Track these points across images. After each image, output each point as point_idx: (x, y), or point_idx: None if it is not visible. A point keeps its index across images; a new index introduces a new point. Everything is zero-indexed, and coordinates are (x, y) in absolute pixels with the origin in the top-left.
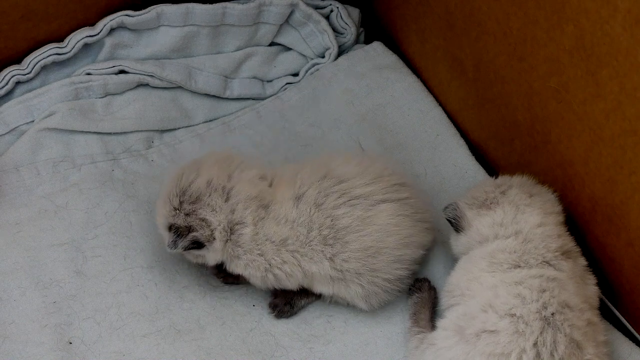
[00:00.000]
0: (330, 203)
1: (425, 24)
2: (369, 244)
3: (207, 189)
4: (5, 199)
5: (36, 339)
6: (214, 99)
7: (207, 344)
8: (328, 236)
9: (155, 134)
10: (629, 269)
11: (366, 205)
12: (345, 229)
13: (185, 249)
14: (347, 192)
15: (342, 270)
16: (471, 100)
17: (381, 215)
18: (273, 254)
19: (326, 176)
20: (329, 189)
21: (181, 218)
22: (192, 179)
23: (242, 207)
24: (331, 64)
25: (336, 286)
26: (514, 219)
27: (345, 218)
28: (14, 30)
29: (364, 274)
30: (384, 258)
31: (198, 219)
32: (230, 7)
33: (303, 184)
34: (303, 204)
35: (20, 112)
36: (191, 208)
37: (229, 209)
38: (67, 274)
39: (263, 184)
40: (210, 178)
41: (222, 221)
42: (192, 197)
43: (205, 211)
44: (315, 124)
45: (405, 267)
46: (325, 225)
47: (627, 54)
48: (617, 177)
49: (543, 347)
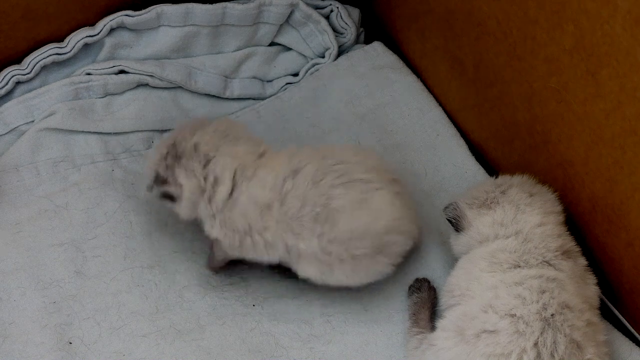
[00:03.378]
0: (328, 181)
1: (425, 24)
2: (357, 226)
3: (191, 152)
4: (5, 199)
5: (36, 339)
6: (214, 99)
7: (207, 344)
8: (320, 214)
9: (155, 134)
10: (629, 269)
11: (363, 188)
12: (337, 210)
13: (158, 197)
14: (347, 173)
15: (326, 252)
16: (471, 100)
17: (376, 199)
18: (255, 217)
19: (326, 157)
20: (329, 167)
21: (162, 168)
22: (185, 136)
23: (220, 169)
24: (331, 64)
25: (321, 268)
26: (514, 218)
27: (340, 199)
28: (14, 30)
29: (346, 259)
30: (369, 243)
31: (173, 176)
32: (230, 7)
33: (302, 160)
34: (300, 177)
35: (20, 112)
36: (172, 163)
37: (204, 174)
38: (67, 274)
39: (248, 157)
40: (198, 142)
41: (193, 184)
42: (177, 154)
43: (180, 171)
44: (315, 124)
45: (386, 256)
46: (319, 203)
47: (627, 54)
48: (617, 177)
49: (543, 348)
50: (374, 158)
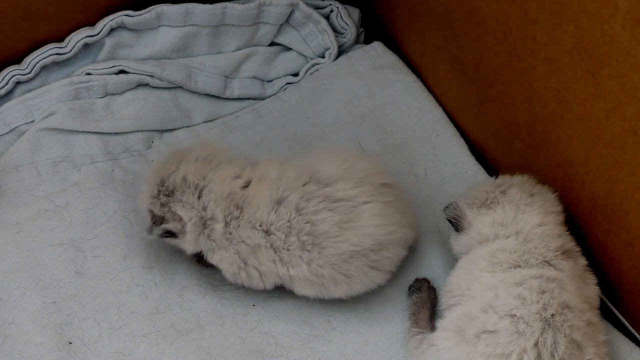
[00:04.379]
0: (311, 208)
1: (425, 24)
2: (345, 249)
3: (182, 185)
4: (5, 199)
5: (36, 339)
6: (214, 99)
7: (207, 344)
8: (307, 242)
9: (155, 134)
10: (629, 269)
11: (348, 207)
12: (323, 234)
13: (159, 236)
14: (330, 195)
15: (318, 275)
16: (471, 100)
17: (362, 216)
18: (249, 254)
19: (311, 180)
20: (312, 193)
21: (157, 207)
22: (171, 171)
23: (213, 204)
24: (331, 64)
25: (317, 289)
26: (515, 218)
27: (324, 223)
28: (14, 30)
29: (339, 280)
30: (360, 262)
31: (171, 212)
32: (230, 7)
33: (287, 187)
34: (284, 207)
35: (20, 112)
36: (166, 200)
37: (201, 206)
38: (67, 274)
39: (236, 183)
40: (186, 174)
41: (193, 217)
42: (168, 190)
43: (177, 206)
44: (315, 124)
45: (381, 270)
46: (304, 230)
47: (627, 54)
48: (617, 177)
49: (544, 348)
50: (362, 163)
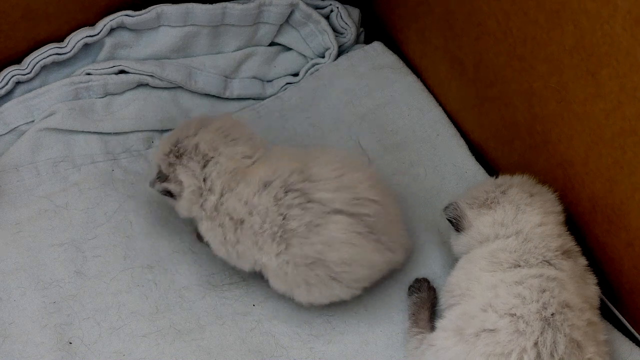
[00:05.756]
0: (287, 200)
1: (425, 24)
2: (309, 253)
3: (192, 151)
4: (5, 199)
5: (36, 339)
6: (214, 99)
7: (207, 344)
8: (276, 234)
9: (155, 134)
10: (629, 269)
11: (319, 211)
12: (292, 231)
13: (159, 192)
14: (307, 193)
15: (283, 271)
16: (471, 100)
17: (331, 226)
18: (230, 230)
19: (296, 171)
20: (293, 185)
21: (166, 164)
22: (188, 135)
23: (216, 176)
24: (331, 64)
25: (284, 286)
26: (515, 218)
27: (295, 220)
28: (14, 30)
29: (299, 283)
30: (322, 272)
31: (174, 174)
32: (230, 7)
33: (275, 172)
34: (266, 193)
35: (20, 112)
36: (174, 161)
37: (203, 176)
38: (67, 274)
39: (244, 162)
40: (199, 142)
41: (192, 185)
42: (179, 152)
43: (181, 170)
44: (315, 124)
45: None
46: (276, 222)
47: (627, 54)
48: (617, 177)
49: (543, 347)
50: (356, 173)
